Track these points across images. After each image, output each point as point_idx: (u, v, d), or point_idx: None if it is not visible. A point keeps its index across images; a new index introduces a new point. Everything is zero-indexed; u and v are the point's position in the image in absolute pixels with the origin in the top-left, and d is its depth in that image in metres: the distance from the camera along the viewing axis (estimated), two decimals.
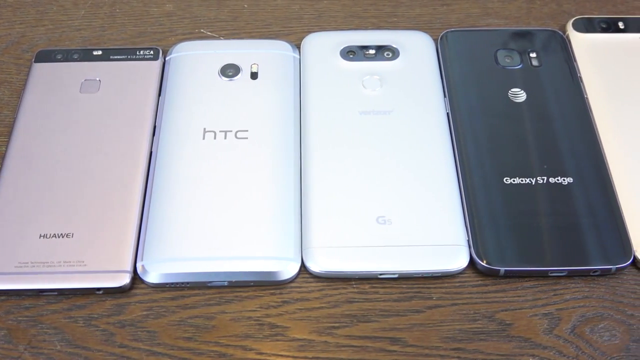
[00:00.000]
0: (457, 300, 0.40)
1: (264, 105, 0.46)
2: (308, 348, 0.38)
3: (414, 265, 0.40)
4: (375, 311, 0.39)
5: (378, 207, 0.41)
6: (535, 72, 0.48)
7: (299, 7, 0.53)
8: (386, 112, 0.45)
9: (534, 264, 0.40)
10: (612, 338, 0.39)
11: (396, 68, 0.48)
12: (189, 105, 0.46)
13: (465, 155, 0.44)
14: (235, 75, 0.47)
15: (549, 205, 0.42)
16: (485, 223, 0.41)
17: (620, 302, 0.40)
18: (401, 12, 0.53)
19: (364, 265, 0.40)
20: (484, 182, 0.43)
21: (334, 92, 0.47)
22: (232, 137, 0.44)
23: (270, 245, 0.40)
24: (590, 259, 0.40)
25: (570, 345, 0.38)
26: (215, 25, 0.52)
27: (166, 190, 0.42)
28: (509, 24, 0.52)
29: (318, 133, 0.45)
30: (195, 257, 0.40)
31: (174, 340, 0.38)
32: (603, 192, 0.42)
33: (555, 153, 0.44)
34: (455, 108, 0.46)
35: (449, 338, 0.38)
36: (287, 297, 0.40)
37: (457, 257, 0.40)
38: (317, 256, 0.40)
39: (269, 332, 0.38)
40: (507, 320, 0.39)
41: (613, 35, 0.50)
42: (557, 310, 0.39)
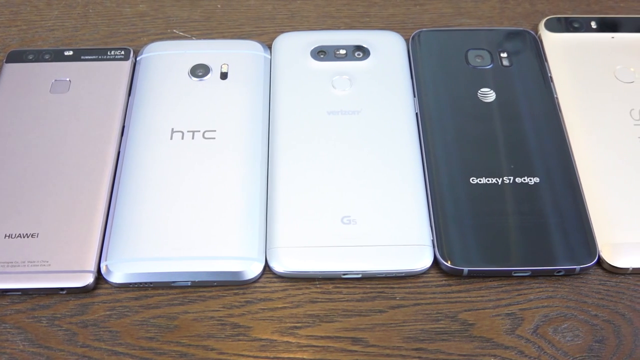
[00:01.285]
0: (421, 300, 0.40)
1: (233, 105, 0.46)
2: (270, 348, 0.38)
3: (377, 265, 0.40)
4: (338, 311, 0.39)
5: (343, 207, 0.41)
6: (505, 72, 0.48)
7: (272, 7, 0.53)
8: (354, 112, 0.45)
9: (498, 264, 0.40)
10: (575, 338, 0.38)
11: (366, 68, 0.48)
12: (158, 106, 0.46)
13: (433, 155, 0.44)
14: (205, 76, 0.47)
15: (515, 205, 0.42)
16: (450, 223, 0.41)
17: (585, 302, 0.40)
18: (374, 12, 0.53)
19: (327, 265, 0.40)
20: (450, 182, 0.43)
21: (304, 92, 0.47)
22: (200, 137, 0.44)
23: (234, 245, 0.40)
24: (554, 259, 0.40)
25: (532, 346, 0.38)
26: (188, 26, 0.52)
27: (132, 190, 0.42)
28: (481, 24, 0.52)
29: (285, 133, 0.45)
30: (158, 257, 0.40)
31: (135, 340, 0.38)
32: (569, 192, 0.42)
33: (523, 153, 0.44)
34: (424, 108, 0.46)
35: (411, 338, 0.38)
36: (250, 297, 0.40)
37: (421, 257, 0.40)
38: (280, 256, 0.40)
39: (231, 332, 0.38)
40: (469, 320, 0.39)
41: (585, 35, 0.50)
42: (520, 311, 0.39)
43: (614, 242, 0.41)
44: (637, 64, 0.48)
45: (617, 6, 0.54)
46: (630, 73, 0.48)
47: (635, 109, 0.46)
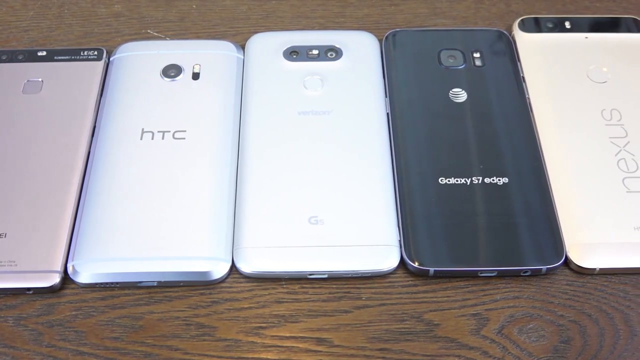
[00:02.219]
0: (386, 301, 0.40)
1: (204, 105, 0.46)
2: (234, 348, 0.38)
3: (343, 265, 0.40)
4: (303, 311, 0.39)
5: (311, 207, 0.41)
6: (477, 72, 0.48)
7: (247, 7, 0.53)
8: (325, 112, 0.45)
9: (464, 264, 0.40)
10: (540, 339, 0.38)
11: (339, 68, 0.48)
12: (129, 106, 0.46)
13: (402, 155, 0.44)
14: (177, 76, 0.47)
15: (483, 206, 0.42)
16: (417, 223, 0.41)
17: (551, 303, 0.40)
18: (349, 12, 0.53)
19: (293, 266, 0.40)
20: (419, 182, 0.43)
21: (275, 92, 0.46)
22: (170, 137, 0.44)
23: (201, 246, 0.40)
24: (520, 259, 0.40)
25: (497, 346, 0.38)
26: (163, 26, 0.52)
27: (100, 190, 0.42)
28: (456, 24, 0.52)
29: (255, 133, 0.44)
30: (125, 257, 0.40)
31: (100, 340, 0.38)
32: (538, 193, 0.42)
33: (493, 153, 0.44)
34: (395, 108, 0.46)
35: (375, 338, 0.38)
36: (216, 297, 0.40)
37: (387, 257, 0.40)
38: (247, 256, 0.40)
39: (196, 332, 0.38)
40: (435, 321, 0.39)
41: (559, 35, 0.50)
42: (486, 311, 0.39)
43: (582, 243, 0.41)
44: (610, 64, 0.48)
45: (592, 6, 0.53)
46: (603, 73, 0.48)
47: (607, 109, 0.46)
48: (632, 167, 0.43)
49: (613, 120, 0.46)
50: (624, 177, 0.43)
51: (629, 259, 0.40)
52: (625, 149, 0.44)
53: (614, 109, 0.46)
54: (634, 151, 0.44)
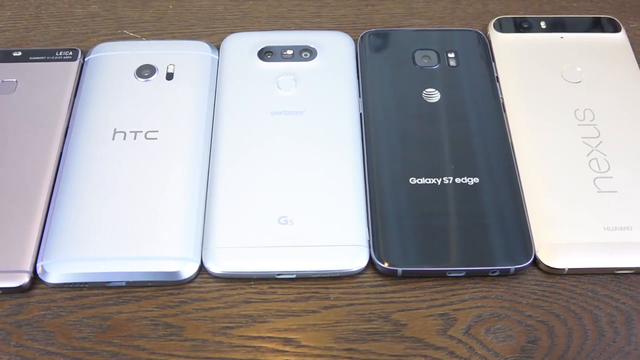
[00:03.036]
0: (354, 301, 0.40)
1: (177, 106, 0.46)
2: (201, 348, 0.38)
3: (311, 265, 0.40)
4: (271, 311, 0.39)
5: (281, 207, 0.41)
6: (451, 73, 0.48)
7: (223, 7, 0.53)
8: (298, 113, 0.45)
9: (432, 264, 0.40)
10: (507, 339, 0.38)
11: (313, 68, 0.48)
12: (102, 106, 0.46)
13: (374, 155, 0.44)
14: (150, 76, 0.47)
15: (453, 206, 0.42)
16: (387, 223, 0.41)
17: (519, 303, 0.40)
18: (325, 12, 0.53)
19: (262, 266, 0.40)
20: (390, 182, 0.43)
21: (249, 92, 0.47)
22: (142, 137, 0.44)
23: (169, 246, 0.40)
24: (488, 260, 0.40)
25: (463, 346, 0.38)
26: (139, 26, 0.52)
27: (71, 190, 0.42)
28: (432, 24, 0.52)
29: (228, 134, 0.45)
30: (94, 257, 0.40)
31: (68, 340, 0.38)
32: (508, 193, 0.42)
33: (464, 153, 0.44)
34: (368, 108, 0.46)
35: (342, 338, 0.38)
36: (185, 297, 0.40)
37: (356, 257, 0.40)
38: (216, 256, 0.40)
39: (164, 332, 0.38)
40: (402, 321, 0.39)
41: (534, 35, 0.50)
42: (454, 311, 0.39)
43: (552, 243, 0.41)
44: (585, 64, 0.48)
45: (569, 6, 0.53)
46: (577, 73, 0.48)
47: (580, 109, 0.46)
48: (604, 167, 0.43)
49: (586, 120, 0.46)
50: (595, 177, 0.43)
51: (598, 259, 0.40)
52: (598, 149, 0.44)
53: (587, 109, 0.46)
54: (606, 151, 0.44)
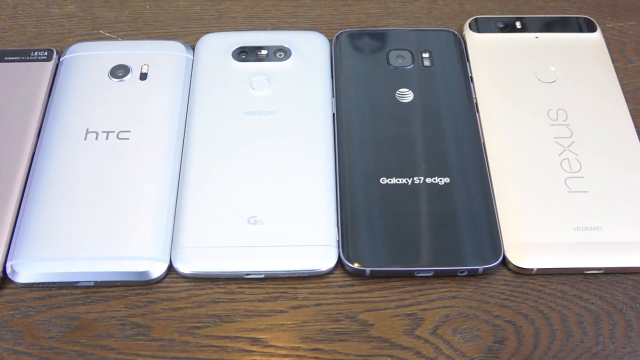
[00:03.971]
0: (322, 301, 0.40)
1: (150, 106, 0.46)
2: (168, 348, 0.38)
3: (279, 265, 0.40)
4: (239, 311, 0.39)
5: (251, 207, 0.41)
6: (425, 73, 0.48)
7: (200, 7, 0.53)
8: (270, 113, 0.45)
9: (400, 264, 0.40)
10: (474, 339, 0.38)
11: (287, 68, 0.48)
12: (75, 106, 0.46)
13: (346, 155, 0.44)
14: (124, 76, 0.47)
15: (422, 206, 0.42)
16: (357, 223, 0.41)
17: (487, 303, 0.40)
18: (302, 12, 0.53)
19: (230, 266, 0.40)
20: (360, 182, 0.43)
21: (222, 92, 0.47)
22: (114, 137, 0.44)
23: (138, 246, 0.40)
24: (456, 260, 0.40)
25: (430, 346, 0.38)
26: (115, 26, 0.52)
27: (41, 191, 0.42)
28: (408, 24, 0.52)
29: (200, 134, 0.45)
30: (63, 257, 0.40)
31: (36, 339, 0.38)
32: (478, 193, 0.42)
33: (436, 153, 0.44)
34: (341, 108, 0.46)
35: (309, 338, 0.38)
36: (153, 297, 0.40)
37: (325, 257, 0.40)
38: (184, 256, 0.40)
39: (131, 332, 0.39)
40: (369, 321, 0.39)
41: (509, 35, 0.50)
42: (421, 311, 0.39)
43: (521, 243, 0.41)
44: (560, 64, 0.48)
45: (546, 6, 0.53)
46: (551, 73, 0.48)
47: (554, 109, 0.46)
48: (575, 167, 0.43)
49: (559, 120, 0.46)
50: (567, 177, 0.43)
51: (566, 259, 0.40)
52: (570, 149, 0.44)
53: (560, 108, 0.46)
54: (578, 151, 0.44)
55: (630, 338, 0.39)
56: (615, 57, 0.50)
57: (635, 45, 0.51)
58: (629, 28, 0.52)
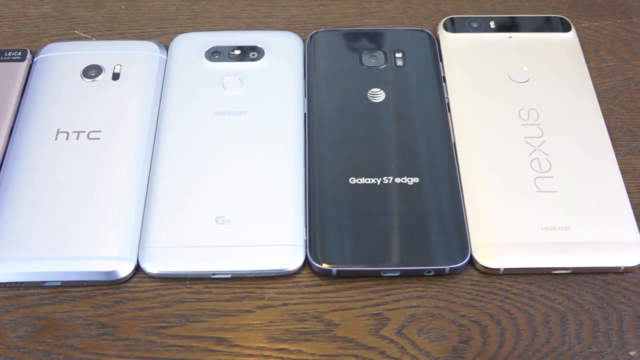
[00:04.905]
0: (289, 301, 0.40)
1: (121, 106, 0.46)
2: (133, 348, 0.38)
3: (245, 265, 0.40)
4: (205, 311, 0.39)
5: (219, 207, 0.41)
6: (397, 73, 0.48)
7: (175, 8, 0.53)
8: (242, 113, 0.45)
9: (366, 264, 0.40)
10: (439, 338, 0.38)
11: (259, 68, 0.48)
12: (47, 106, 0.46)
13: (316, 155, 0.44)
14: (97, 76, 0.47)
15: (391, 206, 0.42)
16: (324, 223, 0.41)
17: (454, 303, 0.40)
18: (277, 12, 0.53)
19: (197, 266, 0.40)
20: (329, 182, 0.43)
21: (194, 92, 0.47)
22: (85, 137, 0.44)
23: (106, 245, 0.40)
24: (423, 259, 0.40)
25: (395, 346, 0.38)
26: (90, 27, 0.52)
27: (10, 191, 0.42)
28: (383, 24, 0.52)
29: (170, 134, 0.45)
30: (30, 257, 0.40)
31: (2, 339, 0.38)
32: (447, 193, 0.42)
33: (406, 153, 0.44)
34: (312, 108, 0.46)
35: (275, 338, 0.38)
36: (120, 297, 0.40)
37: (292, 257, 0.40)
38: (151, 256, 0.40)
39: (97, 331, 0.39)
40: (335, 321, 0.39)
41: (483, 35, 0.50)
42: (387, 311, 0.39)
43: (489, 243, 0.41)
44: (532, 64, 0.48)
45: (522, 6, 0.53)
46: (524, 72, 0.48)
47: (525, 109, 0.46)
48: (545, 166, 0.43)
49: (530, 119, 0.45)
50: (536, 177, 0.43)
51: (533, 259, 0.40)
52: (540, 148, 0.44)
53: (532, 108, 0.46)
54: (548, 151, 0.44)
55: (596, 338, 0.38)
56: (589, 56, 0.50)
57: (609, 45, 0.51)
58: (604, 28, 0.52)
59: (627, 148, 0.46)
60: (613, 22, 0.53)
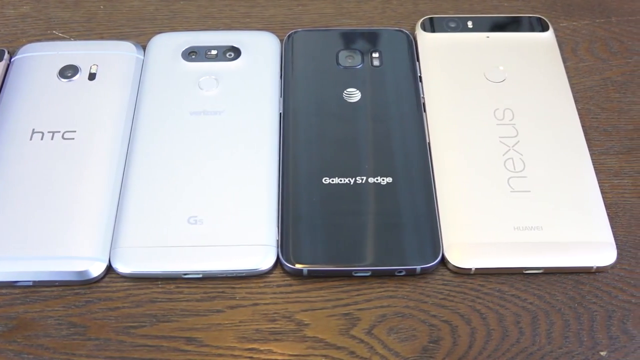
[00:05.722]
0: (260, 301, 0.40)
1: (96, 106, 0.46)
2: (103, 347, 0.38)
3: (216, 265, 0.40)
4: (176, 311, 0.39)
5: (192, 207, 0.41)
6: (374, 72, 0.48)
7: (154, 8, 0.53)
8: (217, 113, 0.45)
9: (337, 264, 0.40)
10: (409, 338, 0.38)
11: (236, 69, 0.48)
12: (23, 106, 0.46)
13: (290, 155, 0.44)
14: (73, 76, 0.47)
15: (363, 206, 0.42)
16: (297, 223, 0.41)
17: (425, 303, 0.40)
18: (255, 12, 0.53)
19: (168, 266, 0.40)
20: (303, 182, 0.43)
21: (170, 93, 0.47)
22: (59, 137, 0.44)
23: (78, 245, 0.40)
24: (394, 259, 0.40)
25: (364, 346, 0.38)
26: (69, 27, 0.52)
27: None
28: (362, 24, 0.52)
29: (145, 134, 0.45)
30: (1, 257, 0.40)
31: None
32: (420, 193, 0.42)
33: (380, 153, 0.44)
34: (288, 108, 0.46)
35: (245, 338, 0.38)
36: (91, 297, 0.40)
37: (263, 257, 0.40)
38: (123, 256, 0.40)
39: (67, 331, 0.39)
40: (305, 321, 0.39)
41: (460, 35, 0.50)
42: (358, 311, 0.39)
43: (461, 243, 0.41)
44: (509, 64, 0.48)
45: (500, 5, 0.53)
46: (500, 72, 0.48)
47: (500, 109, 0.46)
48: (519, 166, 0.43)
49: (505, 119, 0.45)
50: (510, 177, 0.43)
51: (505, 259, 0.40)
52: (514, 148, 0.44)
53: (507, 108, 0.46)
54: (523, 150, 0.44)
55: (567, 338, 0.38)
56: (567, 56, 0.50)
57: (587, 45, 0.51)
58: (583, 27, 0.52)
59: (603, 148, 0.46)
60: (592, 22, 0.52)
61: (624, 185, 0.44)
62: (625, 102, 0.48)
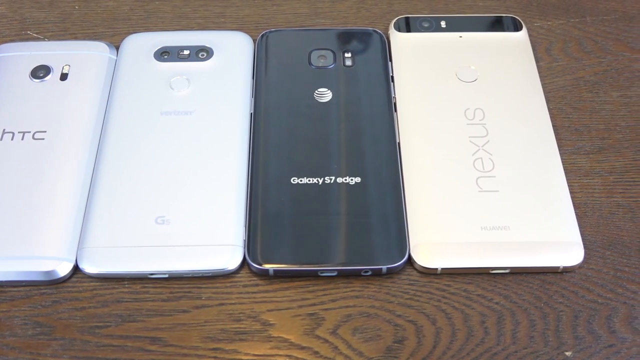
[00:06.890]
0: (225, 301, 0.40)
1: (67, 106, 0.46)
2: (67, 347, 0.38)
3: (182, 265, 0.40)
4: (142, 311, 0.39)
5: (159, 207, 0.41)
6: (346, 73, 0.48)
7: (128, 8, 0.53)
8: (187, 113, 0.45)
9: (303, 264, 0.40)
10: (374, 338, 0.38)
11: (208, 69, 0.48)
12: None
13: (260, 155, 0.44)
14: (45, 77, 0.47)
15: (331, 205, 0.42)
16: (263, 223, 0.41)
17: (391, 303, 0.40)
18: (230, 12, 0.53)
19: (135, 266, 0.40)
20: (271, 182, 0.43)
21: (141, 93, 0.47)
22: (30, 138, 0.44)
23: (44, 245, 0.40)
24: (360, 259, 0.40)
25: (329, 346, 0.38)
26: (43, 27, 0.52)
27: None
28: (336, 24, 0.52)
29: (115, 134, 0.45)
30: None
31: None
32: (388, 192, 0.42)
33: (350, 153, 0.44)
34: (259, 108, 0.46)
35: (210, 338, 0.38)
36: (58, 297, 0.40)
37: (229, 257, 0.40)
38: (90, 256, 0.40)
39: (33, 331, 0.39)
40: (270, 321, 0.39)
41: (433, 35, 0.50)
42: (323, 311, 0.39)
43: (427, 242, 0.41)
44: (481, 63, 0.48)
45: (475, 5, 0.53)
46: (472, 72, 0.48)
47: (471, 109, 0.46)
48: (488, 166, 0.43)
49: (475, 119, 0.45)
50: (478, 177, 0.43)
51: (471, 259, 0.40)
52: (484, 148, 0.44)
53: (478, 108, 0.46)
54: (492, 150, 0.44)
55: (532, 338, 0.38)
56: (540, 56, 0.50)
57: (562, 44, 0.51)
58: (557, 27, 0.52)
59: (573, 147, 0.46)
60: (566, 22, 0.52)
61: (593, 185, 0.44)
62: (598, 102, 0.48)
